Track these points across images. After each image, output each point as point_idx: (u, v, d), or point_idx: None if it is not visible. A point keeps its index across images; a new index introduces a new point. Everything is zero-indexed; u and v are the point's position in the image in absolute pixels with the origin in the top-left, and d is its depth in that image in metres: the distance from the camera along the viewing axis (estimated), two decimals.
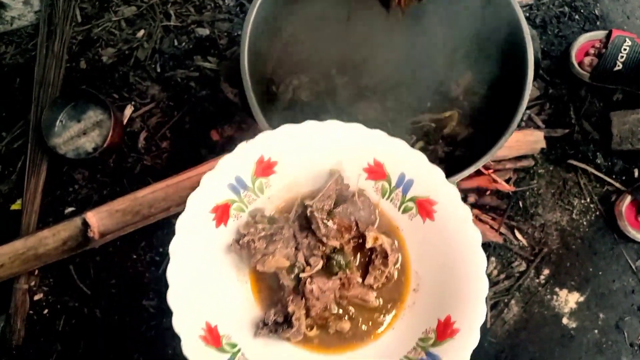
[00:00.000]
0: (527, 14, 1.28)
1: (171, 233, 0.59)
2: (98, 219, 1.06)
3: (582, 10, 1.29)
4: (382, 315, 0.65)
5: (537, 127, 1.20)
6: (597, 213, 1.19)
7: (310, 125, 0.63)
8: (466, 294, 0.58)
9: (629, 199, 1.15)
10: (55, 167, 1.17)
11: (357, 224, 0.67)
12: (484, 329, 1.12)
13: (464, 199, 0.98)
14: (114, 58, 1.24)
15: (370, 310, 0.65)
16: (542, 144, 1.14)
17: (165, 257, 1.13)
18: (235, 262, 0.64)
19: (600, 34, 1.22)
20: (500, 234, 1.15)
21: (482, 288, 0.57)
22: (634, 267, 1.16)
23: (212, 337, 0.57)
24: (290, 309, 0.60)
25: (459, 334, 0.57)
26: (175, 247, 0.57)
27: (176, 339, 0.58)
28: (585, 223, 1.18)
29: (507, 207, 1.15)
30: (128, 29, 1.26)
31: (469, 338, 0.56)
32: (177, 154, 1.18)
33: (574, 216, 1.18)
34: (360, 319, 0.64)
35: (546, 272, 1.15)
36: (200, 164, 1.07)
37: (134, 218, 1.09)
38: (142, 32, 1.25)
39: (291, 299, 0.62)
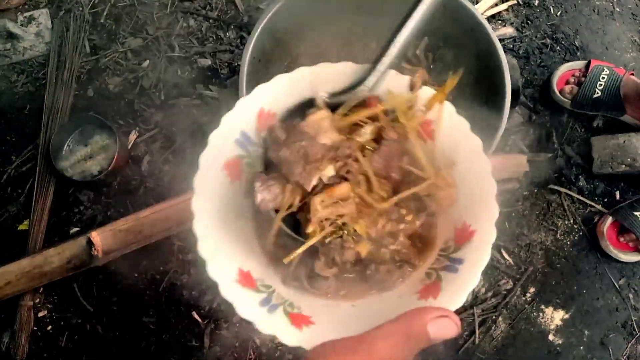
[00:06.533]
0: (511, 46, 1.35)
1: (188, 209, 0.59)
2: (102, 238, 1.11)
3: (563, 42, 1.37)
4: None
5: (522, 152, 1.26)
6: (581, 233, 1.24)
7: (302, 71, 0.63)
8: (476, 198, 0.59)
9: (610, 220, 1.20)
10: (62, 189, 1.23)
11: None
12: (472, 347, 1.16)
13: None
14: (120, 86, 1.31)
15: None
16: (526, 167, 1.20)
17: (165, 276, 1.17)
18: (255, 212, 0.63)
19: (580, 63, 1.29)
20: None
21: (491, 188, 0.57)
22: (617, 285, 1.21)
23: (247, 280, 0.57)
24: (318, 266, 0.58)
25: (476, 235, 0.57)
26: (196, 204, 0.58)
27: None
28: (569, 243, 1.23)
29: None
30: (134, 59, 1.33)
31: (486, 235, 0.56)
32: (178, 177, 1.24)
33: (558, 236, 1.23)
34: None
35: (532, 290, 1.19)
36: None
37: (136, 237, 1.13)
38: (147, 62, 1.32)
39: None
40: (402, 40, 0.62)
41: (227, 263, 0.57)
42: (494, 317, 1.17)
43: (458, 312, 1.15)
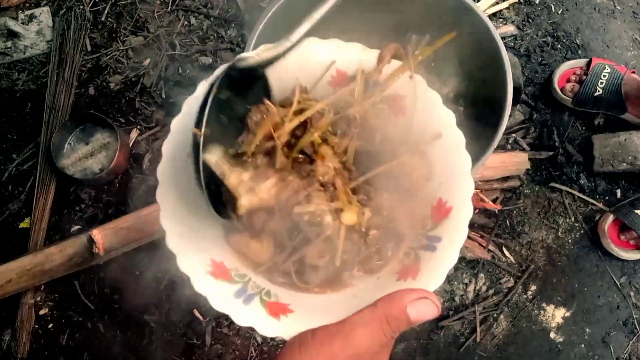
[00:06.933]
0: (512, 44, 1.35)
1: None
2: (103, 236, 1.11)
3: (564, 40, 1.37)
4: None
5: (523, 150, 1.26)
6: (582, 231, 1.24)
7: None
8: (451, 174, 0.57)
9: (611, 218, 1.20)
10: (63, 187, 1.23)
11: None
12: (474, 345, 1.16)
13: None
14: (121, 84, 1.31)
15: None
16: (527, 165, 1.20)
17: (166, 275, 1.17)
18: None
19: (581, 61, 1.29)
20: (489, 251, 1.19)
21: (465, 162, 0.56)
22: (618, 283, 1.20)
23: (220, 271, 0.55)
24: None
25: (453, 211, 0.56)
26: (162, 195, 0.55)
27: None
28: (570, 241, 1.23)
29: (494, 225, 1.21)
30: (135, 58, 1.33)
31: (462, 211, 0.55)
32: None
33: (559, 234, 1.23)
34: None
35: (533, 288, 1.19)
36: None
37: (137, 235, 1.13)
38: (148, 60, 1.32)
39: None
40: (323, 10, 0.59)
41: (199, 254, 0.55)
42: (495, 315, 1.17)
43: (459, 309, 1.16)
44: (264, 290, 0.56)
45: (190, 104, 0.58)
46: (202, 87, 0.58)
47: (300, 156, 0.59)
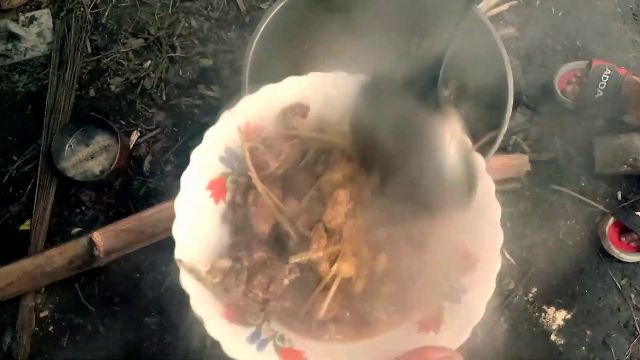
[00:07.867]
0: (513, 46, 1.35)
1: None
2: (104, 238, 1.11)
3: (564, 42, 1.37)
4: None
5: (524, 152, 1.26)
6: (582, 233, 1.23)
7: (290, 81, 0.60)
8: (479, 222, 0.55)
9: (612, 220, 1.20)
10: (64, 190, 1.23)
11: None
12: (474, 347, 1.16)
13: None
14: (121, 87, 1.31)
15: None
16: (527, 167, 1.20)
17: (167, 276, 1.17)
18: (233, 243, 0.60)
19: (582, 63, 1.29)
20: None
21: (494, 211, 0.54)
22: (619, 285, 1.20)
23: (234, 313, 0.53)
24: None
25: (480, 263, 0.53)
26: (178, 230, 0.54)
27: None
28: (571, 243, 1.23)
29: None
30: (135, 60, 1.33)
31: (491, 263, 0.52)
32: (180, 177, 1.23)
33: (560, 236, 1.23)
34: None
35: (534, 290, 1.19)
36: None
37: (138, 237, 1.13)
38: (148, 62, 1.32)
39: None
40: None
41: (213, 295, 0.53)
42: (496, 317, 1.17)
43: None
44: (277, 334, 0.54)
45: (211, 136, 0.57)
46: (211, 137, 0.57)
47: (317, 193, 0.58)
